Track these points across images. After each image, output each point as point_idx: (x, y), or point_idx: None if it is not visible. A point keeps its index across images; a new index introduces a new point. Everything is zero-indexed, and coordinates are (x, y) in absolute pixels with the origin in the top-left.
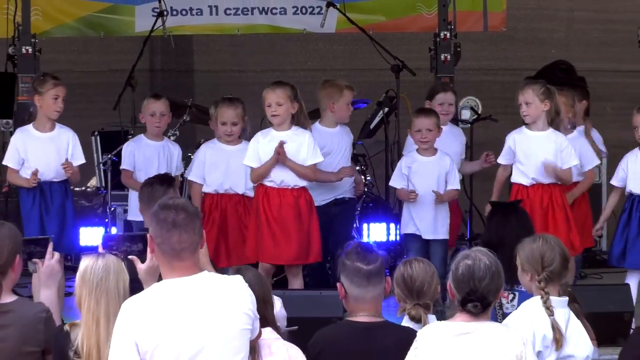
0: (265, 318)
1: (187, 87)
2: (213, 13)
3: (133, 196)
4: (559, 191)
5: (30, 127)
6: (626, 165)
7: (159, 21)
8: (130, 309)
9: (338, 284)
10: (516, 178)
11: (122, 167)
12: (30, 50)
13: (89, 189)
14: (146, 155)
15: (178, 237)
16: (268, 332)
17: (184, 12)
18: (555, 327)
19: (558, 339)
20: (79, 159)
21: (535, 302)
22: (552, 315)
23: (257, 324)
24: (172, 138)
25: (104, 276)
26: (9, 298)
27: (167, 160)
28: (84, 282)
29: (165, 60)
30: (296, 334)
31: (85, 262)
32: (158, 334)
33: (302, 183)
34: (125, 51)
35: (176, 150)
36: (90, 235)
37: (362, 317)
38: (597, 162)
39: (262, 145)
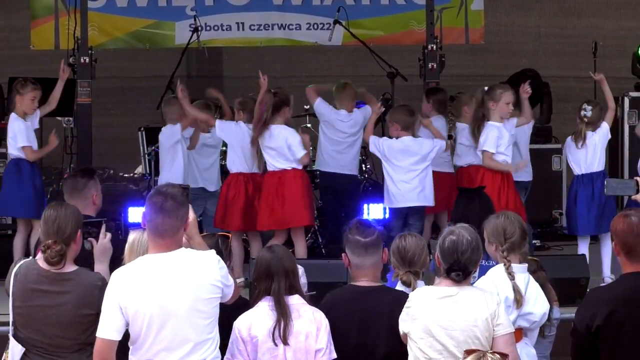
0: (294, 287)
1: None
2: (240, 29)
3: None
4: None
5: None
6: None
7: (195, 35)
8: (116, 279)
9: (343, 254)
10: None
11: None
12: (87, 59)
13: (135, 175)
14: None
15: (162, 220)
16: (296, 298)
17: (215, 28)
18: (515, 290)
19: (518, 299)
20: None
21: (499, 269)
22: (513, 279)
23: (229, 290)
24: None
25: (148, 247)
26: (70, 267)
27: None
28: (132, 251)
29: (199, 68)
30: (312, 296)
31: (134, 235)
32: (136, 301)
33: (299, 166)
34: (167, 60)
35: None
36: (137, 214)
37: (362, 282)
38: None
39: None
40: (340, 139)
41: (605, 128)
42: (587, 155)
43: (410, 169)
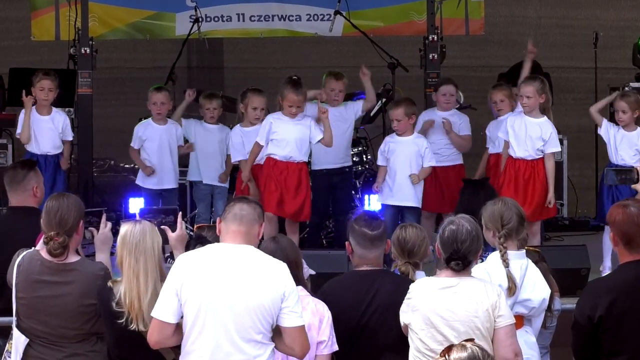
0: (297, 277)
1: (218, 82)
2: (240, 20)
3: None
4: (541, 165)
5: (33, 109)
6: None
7: (195, 26)
8: (179, 263)
9: (347, 243)
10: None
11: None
12: (88, 50)
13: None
14: (153, 135)
15: (240, 205)
16: (300, 289)
17: (216, 19)
18: (509, 277)
19: (511, 287)
20: (69, 136)
21: (496, 256)
22: (508, 267)
23: (293, 321)
24: None
25: (141, 238)
26: (73, 258)
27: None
28: (125, 244)
29: (200, 59)
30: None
31: (125, 227)
32: (190, 290)
33: (304, 158)
34: (167, 51)
35: (176, 127)
36: (137, 205)
37: (364, 267)
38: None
39: (274, 125)
40: None
41: None
42: None
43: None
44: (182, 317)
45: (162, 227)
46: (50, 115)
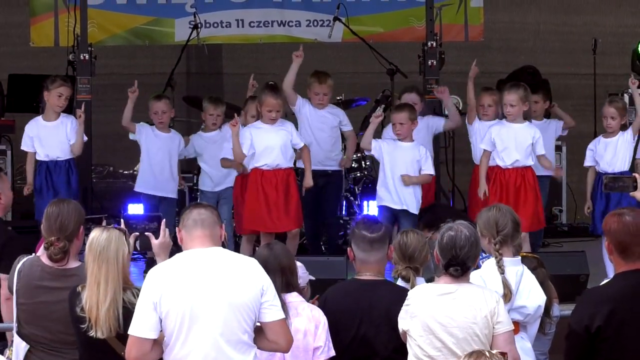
0: (292, 284)
1: (218, 88)
2: (239, 25)
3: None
4: (531, 173)
5: (40, 118)
6: (594, 147)
7: (195, 32)
8: (153, 275)
9: (348, 249)
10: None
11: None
12: (87, 56)
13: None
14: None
15: (198, 210)
16: (294, 296)
17: (215, 25)
18: (504, 284)
19: (506, 294)
20: (73, 139)
21: (491, 263)
22: (503, 273)
23: (273, 314)
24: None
25: (106, 246)
26: (74, 263)
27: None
28: (90, 250)
29: (199, 64)
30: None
31: (93, 234)
32: (169, 300)
33: (290, 164)
34: (166, 57)
35: (179, 138)
36: (136, 210)
37: (366, 276)
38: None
39: (255, 135)
40: None
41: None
42: None
43: None
44: (160, 331)
45: (145, 233)
46: (57, 121)
